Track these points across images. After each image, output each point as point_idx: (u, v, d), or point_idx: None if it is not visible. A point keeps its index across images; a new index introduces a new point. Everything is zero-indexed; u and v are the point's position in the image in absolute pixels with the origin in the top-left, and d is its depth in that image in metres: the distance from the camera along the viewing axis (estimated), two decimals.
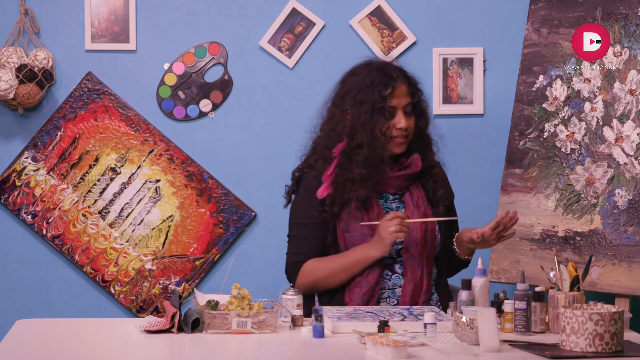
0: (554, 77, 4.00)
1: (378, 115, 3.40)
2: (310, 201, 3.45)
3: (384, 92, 3.41)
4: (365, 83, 3.44)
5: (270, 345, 2.92)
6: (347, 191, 3.40)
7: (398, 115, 3.42)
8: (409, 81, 3.46)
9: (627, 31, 3.82)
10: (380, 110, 3.41)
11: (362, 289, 3.38)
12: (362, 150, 3.40)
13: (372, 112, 3.40)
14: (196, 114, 4.36)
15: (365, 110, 3.41)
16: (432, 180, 3.51)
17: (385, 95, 3.41)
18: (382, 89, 3.41)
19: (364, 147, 3.40)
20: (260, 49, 4.36)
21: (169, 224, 4.34)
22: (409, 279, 3.38)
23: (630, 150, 3.76)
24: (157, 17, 4.34)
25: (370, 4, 4.35)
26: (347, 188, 3.40)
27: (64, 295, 4.35)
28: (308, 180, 3.49)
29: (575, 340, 2.77)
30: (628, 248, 3.70)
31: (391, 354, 2.68)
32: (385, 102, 3.41)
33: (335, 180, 3.42)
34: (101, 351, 2.90)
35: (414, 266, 3.39)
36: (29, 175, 4.32)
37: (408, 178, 3.47)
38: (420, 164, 3.47)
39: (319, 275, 3.40)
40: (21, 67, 4.19)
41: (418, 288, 3.38)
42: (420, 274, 3.39)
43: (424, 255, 3.41)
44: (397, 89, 3.42)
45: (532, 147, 4.02)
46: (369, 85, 3.42)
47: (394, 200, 3.47)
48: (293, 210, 3.52)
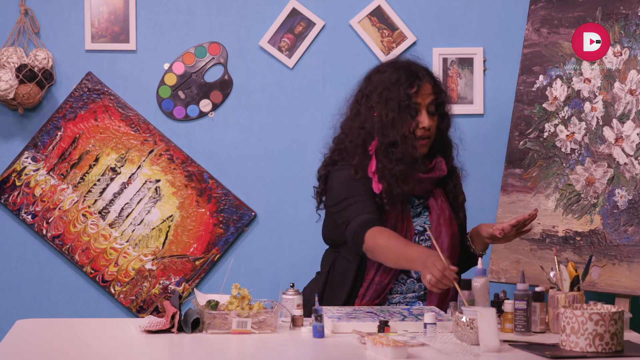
0: (554, 77, 4.00)
1: (404, 113, 3.37)
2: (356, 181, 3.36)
3: (410, 90, 3.37)
4: (391, 81, 3.40)
5: (270, 345, 2.92)
6: (396, 187, 3.35)
7: (422, 113, 3.40)
8: (433, 80, 3.43)
9: (627, 31, 3.82)
10: (406, 108, 3.38)
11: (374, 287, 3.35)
12: (397, 149, 3.36)
13: (399, 110, 3.38)
14: (196, 114, 4.37)
15: (392, 107, 3.38)
16: (453, 185, 3.48)
17: (410, 94, 3.38)
18: (408, 87, 3.38)
19: (398, 145, 3.36)
20: (260, 49, 4.36)
21: (169, 224, 4.34)
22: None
23: (630, 150, 3.76)
24: (157, 17, 4.35)
25: (370, 4, 4.35)
26: (395, 184, 3.35)
27: (64, 295, 4.35)
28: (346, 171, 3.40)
29: (575, 340, 2.77)
30: (628, 248, 3.70)
31: (391, 354, 2.68)
32: (410, 100, 3.38)
33: (383, 176, 3.37)
34: (101, 351, 2.90)
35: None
36: (29, 175, 4.32)
37: (433, 182, 3.44)
38: (446, 168, 3.45)
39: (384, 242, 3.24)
40: (21, 67, 4.20)
41: (444, 293, 3.32)
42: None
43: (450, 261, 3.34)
44: (422, 87, 3.39)
45: (532, 147, 4.02)
46: (394, 83, 3.39)
47: (419, 205, 3.43)
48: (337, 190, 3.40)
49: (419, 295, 3.38)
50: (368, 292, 3.35)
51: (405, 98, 3.37)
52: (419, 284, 3.36)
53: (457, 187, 3.49)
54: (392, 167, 3.35)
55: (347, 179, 3.39)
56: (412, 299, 3.38)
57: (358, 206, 3.34)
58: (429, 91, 3.41)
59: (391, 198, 3.35)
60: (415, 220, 3.41)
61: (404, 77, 3.39)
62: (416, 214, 3.42)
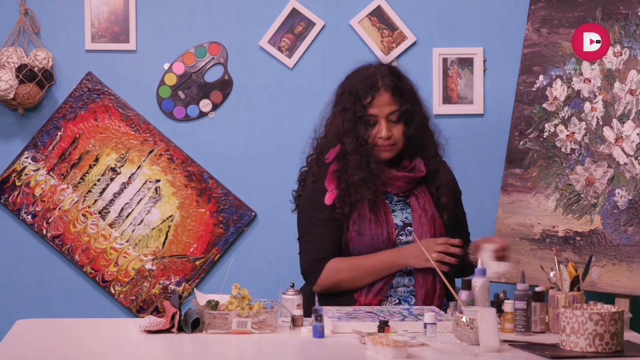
0: (554, 77, 4.00)
1: (359, 123, 3.41)
2: (317, 201, 3.44)
3: (364, 101, 3.40)
4: (350, 90, 3.45)
5: (270, 345, 2.92)
6: (352, 194, 3.39)
7: (380, 124, 3.40)
8: (394, 89, 3.42)
9: (627, 31, 3.82)
10: (361, 120, 3.41)
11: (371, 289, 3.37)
12: (353, 156, 3.40)
13: (354, 121, 3.41)
14: (196, 114, 4.36)
15: (348, 118, 3.42)
16: (435, 186, 3.48)
17: (365, 104, 3.40)
18: (363, 98, 3.41)
19: (353, 153, 3.40)
20: (260, 49, 4.36)
21: (169, 224, 4.34)
22: (421, 284, 3.36)
23: (630, 150, 3.76)
24: (157, 17, 4.35)
25: (370, 4, 4.35)
26: (352, 191, 3.39)
27: (64, 295, 4.35)
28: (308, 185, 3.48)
29: (575, 340, 2.77)
30: (628, 248, 3.70)
31: (391, 354, 2.68)
32: (365, 111, 3.40)
33: (339, 184, 3.41)
34: (101, 351, 2.90)
35: (424, 270, 3.36)
36: (29, 175, 4.32)
37: (411, 181, 3.45)
38: (424, 169, 3.46)
39: (345, 275, 3.37)
40: (21, 67, 4.19)
41: (431, 292, 3.36)
42: (433, 278, 3.36)
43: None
44: (378, 98, 3.40)
45: (532, 147, 4.02)
46: (352, 93, 3.43)
47: (398, 202, 3.46)
48: (301, 209, 3.51)
49: (410, 290, 3.38)
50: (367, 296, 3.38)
51: (360, 109, 3.41)
52: (409, 278, 3.38)
53: (441, 189, 3.48)
54: (349, 174, 3.39)
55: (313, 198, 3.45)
56: (404, 293, 3.39)
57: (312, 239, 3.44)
58: (387, 101, 3.41)
59: (344, 206, 3.39)
60: (396, 215, 3.42)
61: (361, 87, 3.43)
62: (395, 209, 3.43)
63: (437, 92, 4.35)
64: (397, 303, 3.37)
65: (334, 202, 3.40)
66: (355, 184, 3.38)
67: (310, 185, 3.47)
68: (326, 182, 3.42)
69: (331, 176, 3.43)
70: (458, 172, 3.95)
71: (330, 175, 3.43)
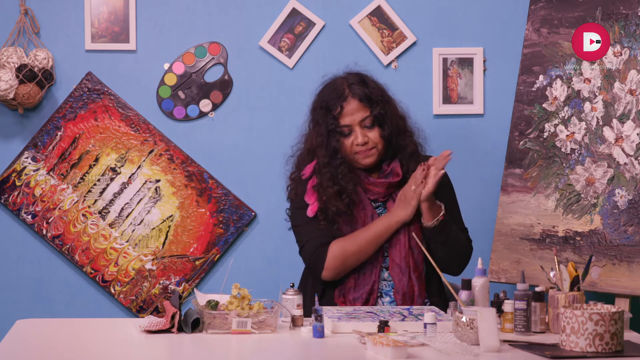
0: (554, 77, 4.00)
1: (331, 136, 3.43)
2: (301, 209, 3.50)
3: (334, 112, 3.43)
4: (320, 104, 3.48)
5: (270, 345, 2.92)
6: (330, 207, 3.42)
7: (355, 132, 3.42)
8: (362, 96, 3.43)
9: (627, 31, 3.82)
10: (333, 132, 3.42)
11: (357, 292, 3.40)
12: (326, 169, 3.43)
13: (327, 134, 3.43)
14: (196, 114, 4.36)
15: (321, 132, 3.45)
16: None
17: (335, 115, 3.42)
18: (333, 109, 3.44)
19: (326, 166, 3.42)
20: (260, 49, 4.36)
21: (169, 224, 4.34)
22: (397, 288, 3.40)
23: (630, 150, 3.76)
24: (157, 17, 4.35)
25: (370, 4, 4.35)
26: (330, 204, 3.42)
27: (64, 295, 4.35)
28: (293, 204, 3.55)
29: (575, 340, 2.77)
30: (628, 248, 3.70)
31: (391, 354, 2.68)
32: (337, 123, 3.42)
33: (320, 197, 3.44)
34: (101, 351, 2.90)
35: (400, 275, 3.39)
36: (29, 175, 4.32)
37: (390, 186, 3.47)
38: (401, 172, 3.47)
39: (350, 250, 3.39)
40: (21, 67, 4.19)
41: (408, 295, 3.39)
42: (409, 281, 3.39)
43: (410, 262, 3.40)
44: (347, 107, 3.43)
45: (532, 147, 4.02)
46: (322, 107, 3.47)
47: (377, 207, 3.48)
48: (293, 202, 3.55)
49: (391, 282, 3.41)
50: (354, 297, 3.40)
51: (332, 121, 3.43)
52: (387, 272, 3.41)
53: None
54: (325, 187, 3.43)
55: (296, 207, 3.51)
56: (385, 287, 3.41)
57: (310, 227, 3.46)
58: (356, 108, 3.43)
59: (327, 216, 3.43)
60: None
61: (329, 99, 3.46)
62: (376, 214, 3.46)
63: (437, 92, 4.35)
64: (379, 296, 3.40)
65: (316, 214, 3.43)
66: (330, 197, 3.40)
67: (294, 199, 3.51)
68: (306, 196, 3.46)
69: (311, 191, 3.45)
70: (458, 172, 3.96)
71: (310, 190, 3.45)
